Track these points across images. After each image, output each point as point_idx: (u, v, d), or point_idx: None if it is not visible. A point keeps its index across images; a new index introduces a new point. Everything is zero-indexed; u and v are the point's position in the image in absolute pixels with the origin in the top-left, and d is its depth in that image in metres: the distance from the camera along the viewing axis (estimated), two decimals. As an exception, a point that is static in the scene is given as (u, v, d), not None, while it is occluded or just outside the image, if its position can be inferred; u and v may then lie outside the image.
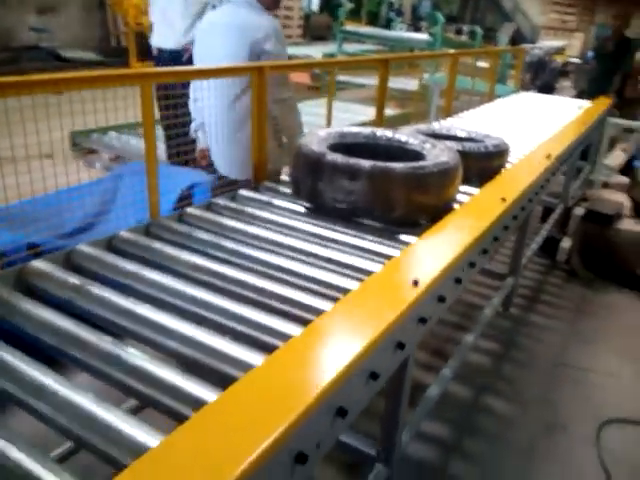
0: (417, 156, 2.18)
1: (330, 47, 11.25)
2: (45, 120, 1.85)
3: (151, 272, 1.53)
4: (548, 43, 14.03)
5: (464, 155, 2.24)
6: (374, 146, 2.32)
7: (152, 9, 3.89)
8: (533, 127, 3.76)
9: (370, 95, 6.68)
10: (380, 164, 1.90)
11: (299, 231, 1.92)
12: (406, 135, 2.35)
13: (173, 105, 3.14)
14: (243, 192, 2.26)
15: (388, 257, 1.71)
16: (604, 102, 5.04)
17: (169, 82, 2.53)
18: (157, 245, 1.72)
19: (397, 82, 8.11)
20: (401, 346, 1.38)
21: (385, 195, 1.91)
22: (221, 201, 2.14)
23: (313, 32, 15.36)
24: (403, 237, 1.89)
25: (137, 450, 0.92)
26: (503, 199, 2.19)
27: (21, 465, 0.91)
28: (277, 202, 2.16)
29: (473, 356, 2.86)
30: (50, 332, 1.26)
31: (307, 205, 2.10)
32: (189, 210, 2.03)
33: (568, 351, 3.02)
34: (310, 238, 1.87)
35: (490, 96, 5.19)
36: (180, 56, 3.78)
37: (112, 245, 1.75)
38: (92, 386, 1.14)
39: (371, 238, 1.86)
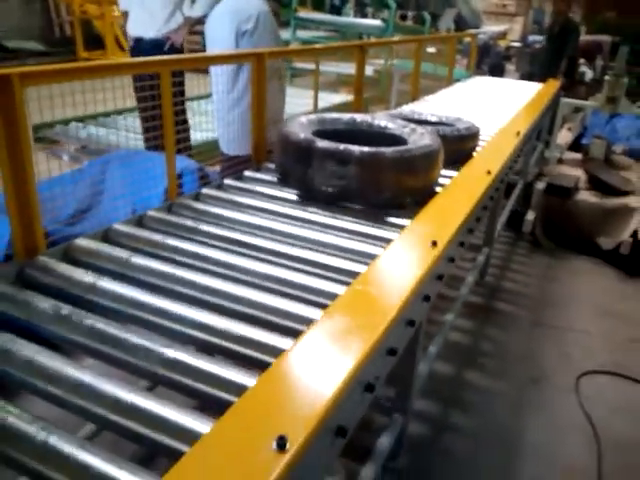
0: (398, 140, 2.24)
1: (283, 34, 11.29)
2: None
3: (183, 242, 1.64)
4: (491, 28, 14.50)
5: (441, 139, 2.30)
6: (355, 132, 2.37)
7: (141, 2, 3.84)
8: (495, 108, 3.99)
9: (322, 81, 6.77)
10: (369, 149, 1.97)
11: (292, 218, 1.95)
12: (385, 120, 2.41)
13: (151, 96, 3.19)
14: (247, 173, 2.36)
15: (385, 239, 1.77)
16: (554, 84, 5.35)
17: (178, 69, 2.59)
18: (185, 221, 1.81)
19: (349, 68, 8.26)
20: (412, 323, 1.50)
21: (375, 179, 1.98)
22: (231, 181, 2.25)
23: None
24: (395, 220, 1.96)
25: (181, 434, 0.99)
26: (488, 172, 2.38)
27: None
28: (264, 190, 2.18)
29: (458, 321, 3.06)
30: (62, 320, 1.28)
31: (295, 192, 2.13)
32: (204, 191, 2.13)
33: (543, 313, 3.29)
34: (305, 225, 1.89)
35: (449, 80, 5.42)
36: (161, 45, 3.79)
37: (142, 222, 1.83)
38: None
39: (365, 222, 1.91)
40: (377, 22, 9.21)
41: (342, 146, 1.96)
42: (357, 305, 1.33)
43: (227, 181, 2.25)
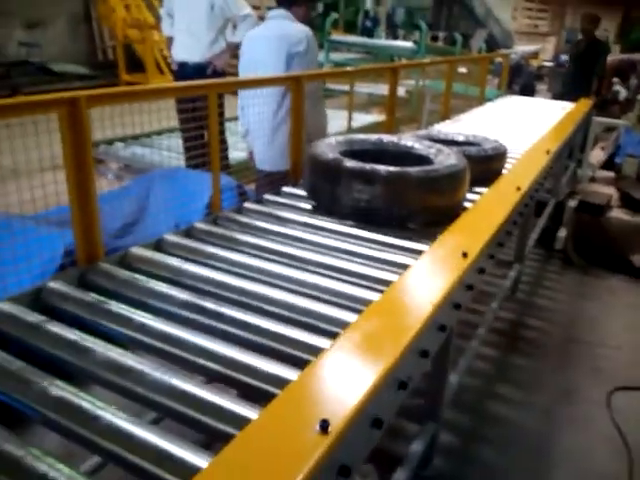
0: (425, 160, 2.28)
1: (316, 56, 11.54)
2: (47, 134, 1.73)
3: (228, 252, 1.76)
4: (523, 48, 14.53)
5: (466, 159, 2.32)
6: (382, 152, 2.42)
7: (176, 24, 4.08)
8: (525, 127, 4.06)
9: (354, 102, 6.89)
10: (396, 169, 2.01)
11: (327, 230, 2.04)
12: (411, 141, 2.48)
13: (192, 117, 3.37)
14: (286, 189, 2.49)
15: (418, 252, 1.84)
16: (587, 103, 5.38)
17: (226, 92, 2.75)
18: (230, 232, 1.94)
19: (380, 89, 8.40)
20: (443, 328, 1.58)
21: (402, 198, 2.02)
22: (270, 197, 2.38)
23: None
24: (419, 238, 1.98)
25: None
26: (518, 188, 2.46)
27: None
28: (301, 204, 2.29)
29: (489, 336, 3.11)
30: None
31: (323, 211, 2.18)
32: (246, 205, 2.26)
33: (575, 328, 3.31)
34: (338, 237, 1.99)
35: (480, 100, 5.50)
36: (204, 69, 3.99)
37: (190, 234, 1.96)
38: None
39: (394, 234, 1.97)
40: (409, 44, 9.37)
41: (369, 166, 2.02)
42: (391, 310, 1.43)
43: (267, 196, 2.37)
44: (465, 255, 1.71)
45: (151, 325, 1.37)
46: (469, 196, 2.34)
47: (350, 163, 2.05)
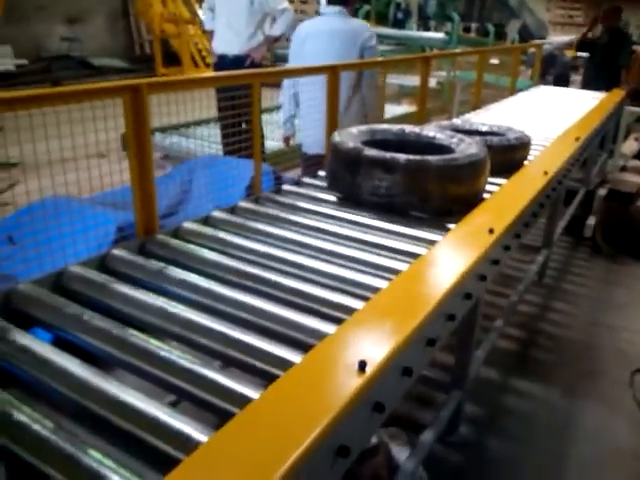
0: (446, 150, 2.29)
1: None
2: (94, 122, 1.89)
3: (268, 227, 1.92)
4: (557, 38, 14.33)
5: (488, 148, 2.33)
6: (404, 142, 2.45)
7: (216, 18, 4.26)
8: (557, 116, 4.11)
9: (386, 93, 6.97)
10: (415, 157, 2.03)
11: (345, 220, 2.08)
12: (433, 131, 2.50)
13: (232, 106, 3.55)
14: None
15: (431, 241, 1.86)
16: (618, 92, 5.38)
17: (269, 81, 2.91)
18: (270, 210, 2.11)
19: (411, 80, 8.46)
20: (469, 296, 1.70)
21: (421, 186, 2.04)
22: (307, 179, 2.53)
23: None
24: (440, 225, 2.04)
25: (186, 445, 1.02)
26: (545, 172, 2.55)
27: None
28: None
29: (515, 318, 3.21)
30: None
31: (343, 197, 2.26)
32: (285, 187, 2.42)
33: (600, 313, 3.38)
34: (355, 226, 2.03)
35: (512, 90, 5.55)
36: (242, 61, 4.17)
37: (234, 211, 2.13)
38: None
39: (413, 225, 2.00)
40: (440, 35, 9.40)
41: (388, 154, 2.05)
42: (419, 277, 1.57)
43: (305, 179, 2.53)
44: (491, 231, 1.83)
45: (203, 286, 1.54)
46: (489, 187, 2.35)
47: (370, 152, 2.08)
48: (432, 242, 1.84)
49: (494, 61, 7.71)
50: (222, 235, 1.86)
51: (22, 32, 10.12)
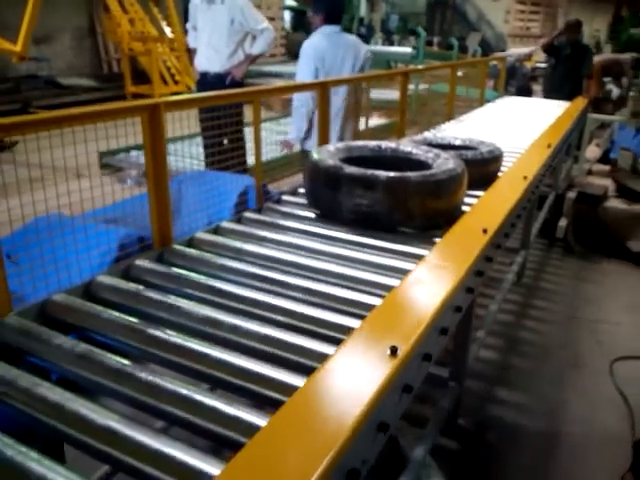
0: (424, 166, 2.33)
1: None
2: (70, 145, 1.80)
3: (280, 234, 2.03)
4: (517, 50, 14.85)
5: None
6: (381, 158, 2.49)
7: (198, 37, 4.37)
8: (527, 125, 4.35)
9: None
10: (395, 174, 2.07)
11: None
12: (409, 146, 2.54)
13: (214, 126, 3.68)
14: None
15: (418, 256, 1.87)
16: (582, 101, 5.68)
17: (268, 97, 3.03)
18: (278, 221, 2.22)
19: (379, 94, 8.69)
20: (470, 290, 1.84)
21: (401, 203, 2.08)
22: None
23: (291, 50, 16.00)
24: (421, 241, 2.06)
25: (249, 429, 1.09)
26: (525, 177, 2.73)
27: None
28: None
29: (499, 316, 3.38)
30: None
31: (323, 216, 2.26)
32: (284, 197, 2.54)
33: (577, 308, 3.59)
34: (335, 243, 2.04)
35: (481, 101, 5.80)
36: (223, 78, 4.30)
37: (241, 221, 2.24)
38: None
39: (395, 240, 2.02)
40: (408, 49, 9.69)
41: (369, 171, 2.08)
42: (429, 275, 1.70)
43: (285, 197, 2.62)
44: (485, 231, 1.99)
45: (222, 288, 1.66)
46: (467, 200, 2.41)
47: (350, 169, 2.10)
48: (417, 256, 1.86)
49: (458, 73, 8.01)
50: (232, 243, 1.97)
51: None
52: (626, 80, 10.09)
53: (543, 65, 13.86)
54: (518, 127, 4.29)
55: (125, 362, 1.31)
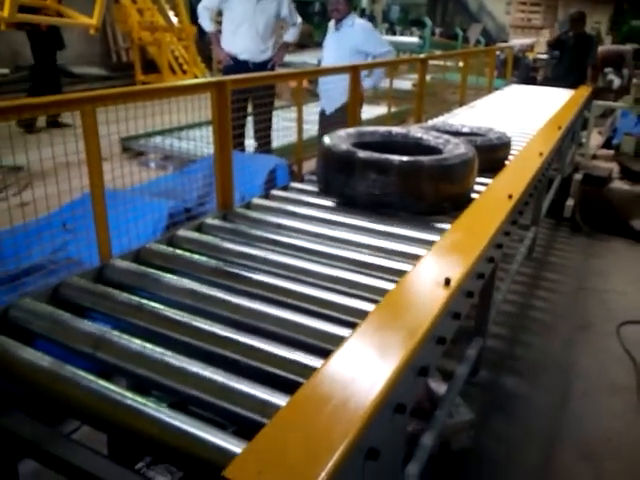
0: (434, 151, 2.35)
1: (318, 54, 12.07)
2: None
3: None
4: (518, 41, 15.03)
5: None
6: (392, 143, 2.51)
7: (236, 27, 4.50)
8: (536, 110, 4.58)
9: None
10: (408, 158, 2.09)
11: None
12: (420, 132, 2.57)
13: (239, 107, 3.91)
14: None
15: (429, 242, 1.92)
16: (586, 89, 5.91)
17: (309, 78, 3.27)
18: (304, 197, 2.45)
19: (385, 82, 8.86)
20: (492, 260, 2.02)
21: (414, 187, 2.11)
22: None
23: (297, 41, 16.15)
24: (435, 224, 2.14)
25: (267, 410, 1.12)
26: (540, 153, 2.97)
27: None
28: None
29: (513, 286, 3.62)
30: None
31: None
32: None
33: (586, 280, 3.85)
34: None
35: (489, 88, 6.03)
36: (264, 66, 4.55)
37: (269, 196, 2.47)
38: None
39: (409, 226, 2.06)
40: (415, 39, 9.89)
41: (383, 156, 2.11)
42: (457, 244, 1.91)
43: (293, 184, 2.77)
44: (510, 197, 2.23)
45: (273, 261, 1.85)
46: (476, 187, 2.44)
47: (364, 154, 2.13)
48: (430, 242, 1.90)
49: (460, 63, 8.23)
50: (273, 219, 2.20)
51: (0, 41, 10.18)
52: (627, 71, 10.31)
53: (544, 56, 14.08)
54: (528, 112, 4.52)
55: (177, 314, 1.47)
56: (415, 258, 1.74)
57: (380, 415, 1.05)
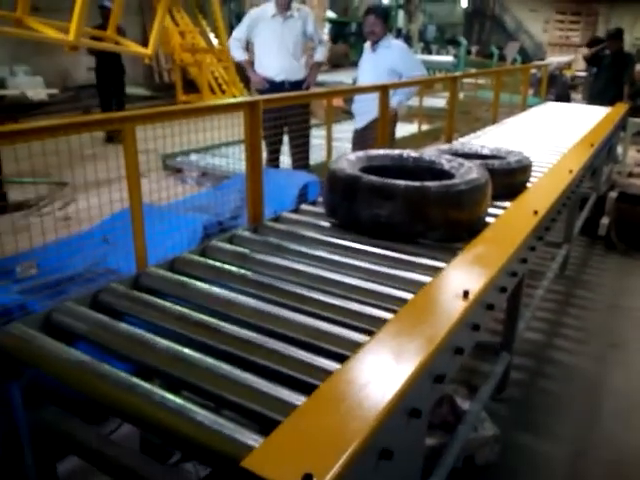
0: (446, 175, 2.27)
1: (356, 73, 12.25)
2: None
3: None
4: (555, 59, 14.92)
5: (489, 172, 2.31)
6: (402, 167, 2.43)
7: (266, 49, 4.64)
8: (569, 128, 4.57)
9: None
10: (415, 183, 2.01)
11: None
12: (433, 155, 2.49)
13: (274, 125, 4.03)
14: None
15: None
16: (622, 106, 5.85)
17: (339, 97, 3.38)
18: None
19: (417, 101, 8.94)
20: (514, 274, 2.05)
21: (420, 213, 2.01)
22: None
23: (333, 61, 16.42)
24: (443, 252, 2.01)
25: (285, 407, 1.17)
26: (570, 170, 2.98)
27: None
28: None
29: (544, 303, 3.61)
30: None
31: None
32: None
33: (619, 298, 3.80)
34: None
35: (522, 106, 6.03)
36: (299, 85, 4.68)
37: (298, 210, 2.55)
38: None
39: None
40: (450, 58, 9.96)
41: (388, 180, 2.03)
42: (479, 257, 1.94)
43: (303, 206, 2.81)
44: (536, 213, 2.25)
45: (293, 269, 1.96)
46: (493, 210, 2.35)
47: (368, 178, 2.06)
48: (435, 268, 1.83)
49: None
50: (298, 230, 2.28)
51: (51, 63, 10.69)
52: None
53: (583, 74, 13.93)
54: (561, 129, 4.51)
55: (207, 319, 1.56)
56: (418, 285, 1.71)
57: (394, 417, 1.09)
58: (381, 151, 2.52)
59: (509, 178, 2.56)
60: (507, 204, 2.44)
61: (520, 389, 2.79)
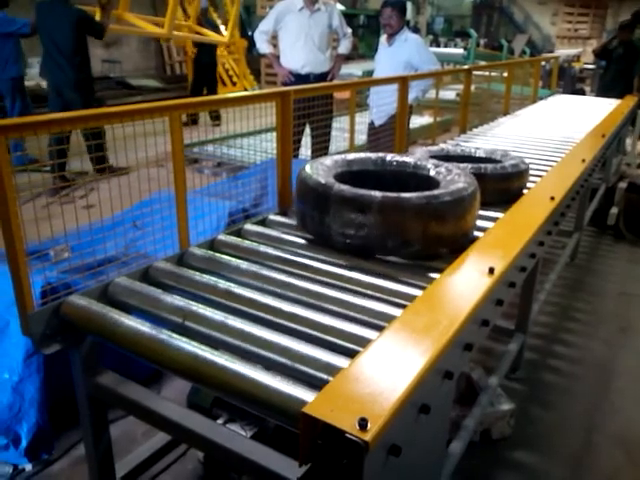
0: (432, 182, 2.08)
1: (365, 65, 12.33)
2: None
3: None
4: (564, 51, 14.94)
5: (480, 177, 2.16)
6: (384, 173, 2.22)
7: (293, 43, 4.78)
8: (580, 119, 4.66)
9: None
10: (392, 195, 1.78)
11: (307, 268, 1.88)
12: (418, 160, 2.24)
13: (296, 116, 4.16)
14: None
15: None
16: (632, 99, 5.93)
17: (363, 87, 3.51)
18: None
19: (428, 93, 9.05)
20: (533, 255, 2.17)
21: (398, 228, 1.79)
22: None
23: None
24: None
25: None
26: (583, 160, 3.09)
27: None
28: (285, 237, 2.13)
29: (555, 289, 3.73)
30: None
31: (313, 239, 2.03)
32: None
33: (628, 285, 3.91)
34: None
35: (533, 98, 6.11)
36: (324, 77, 4.84)
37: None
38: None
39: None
40: (460, 51, 10.02)
41: (362, 191, 1.81)
42: (501, 239, 2.05)
43: (272, 216, 2.87)
44: (552, 198, 2.37)
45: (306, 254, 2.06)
46: (482, 223, 2.14)
47: (341, 188, 1.84)
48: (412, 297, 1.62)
49: (504, 74, 8.31)
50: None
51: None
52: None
53: (591, 66, 13.95)
54: (571, 121, 4.61)
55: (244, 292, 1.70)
56: (387, 318, 1.57)
57: (431, 377, 1.22)
58: (362, 155, 2.30)
59: (503, 184, 2.39)
60: (499, 215, 2.23)
61: (533, 368, 2.92)
